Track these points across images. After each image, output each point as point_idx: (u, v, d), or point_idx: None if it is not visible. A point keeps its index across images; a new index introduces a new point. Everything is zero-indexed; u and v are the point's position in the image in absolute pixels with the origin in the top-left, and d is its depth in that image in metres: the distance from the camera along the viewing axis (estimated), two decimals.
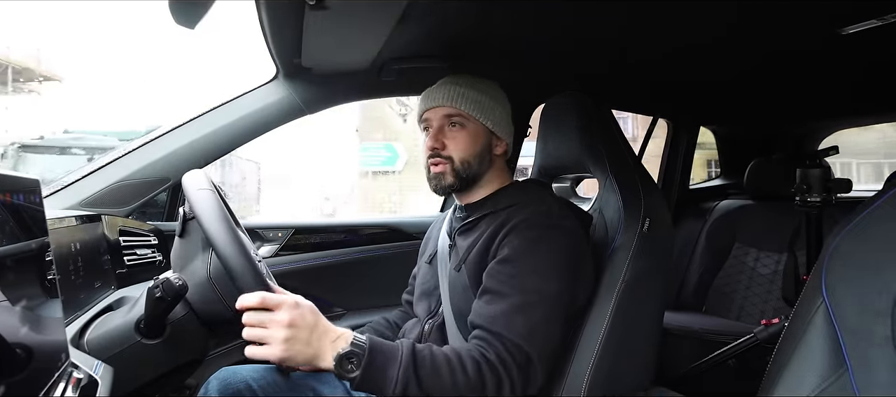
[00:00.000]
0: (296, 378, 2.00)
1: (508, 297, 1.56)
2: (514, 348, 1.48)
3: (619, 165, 1.91)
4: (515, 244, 1.63)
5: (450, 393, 1.42)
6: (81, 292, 1.66)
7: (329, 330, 1.43)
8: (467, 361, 1.46)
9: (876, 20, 1.93)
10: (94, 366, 1.33)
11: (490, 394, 1.44)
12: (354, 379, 1.39)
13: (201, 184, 1.53)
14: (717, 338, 3.12)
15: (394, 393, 1.39)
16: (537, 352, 1.50)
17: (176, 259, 1.65)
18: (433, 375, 1.43)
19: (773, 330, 2.74)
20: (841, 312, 1.12)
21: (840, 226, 1.21)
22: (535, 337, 1.51)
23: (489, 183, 1.90)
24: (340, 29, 1.86)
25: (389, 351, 1.44)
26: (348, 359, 1.40)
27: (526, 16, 1.95)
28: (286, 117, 2.39)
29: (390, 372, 1.41)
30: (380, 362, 1.41)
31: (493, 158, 1.89)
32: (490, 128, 1.86)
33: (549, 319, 1.56)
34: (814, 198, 2.91)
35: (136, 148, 2.24)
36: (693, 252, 4.00)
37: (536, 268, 1.58)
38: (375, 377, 1.40)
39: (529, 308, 1.54)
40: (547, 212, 1.71)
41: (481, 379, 1.44)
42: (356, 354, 1.40)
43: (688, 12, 1.92)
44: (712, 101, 3.60)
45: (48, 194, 2.05)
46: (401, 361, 1.42)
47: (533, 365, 1.49)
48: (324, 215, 11.52)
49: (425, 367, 1.43)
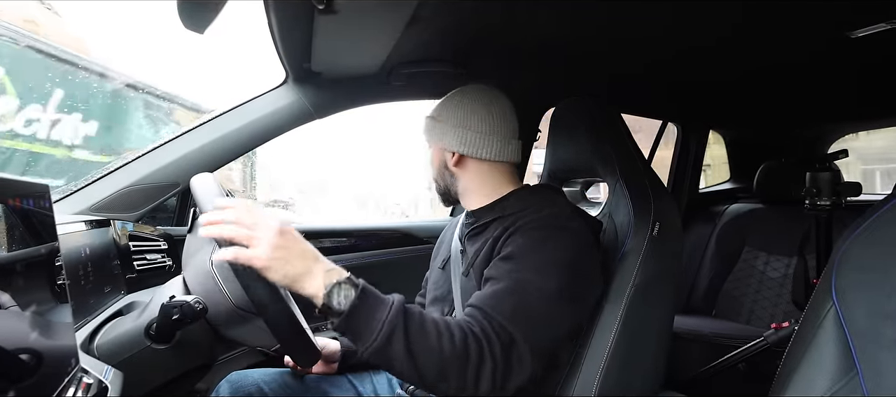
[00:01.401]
0: (308, 381, 2.01)
1: (502, 282, 1.55)
2: (498, 327, 1.46)
3: (628, 169, 1.91)
4: (519, 242, 1.63)
5: (434, 355, 1.39)
6: (91, 297, 1.66)
7: (322, 257, 1.42)
8: (455, 329, 1.44)
9: (885, 24, 1.92)
10: (104, 371, 1.33)
11: (472, 366, 1.41)
12: (342, 314, 1.36)
13: (209, 185, 1.53)
14: (727, 342, 3.11)
15: (377, 339, 1.35)
16: (522, 336, 1.46)
17: (185, 256, 1.66)
18: (420, 332, 1.40)
19: (783, 333, 2.73)
20: (851, 315, 1.12)
21: (850, 229, 1.21)
22: (519, 321, 1.48)
23: (485, 190, 1.90)
24: (350, 33, 1.86)
25: (381, 297, 1.42)
26: (340, 290, 1.36)
27: (534, 20, 1.95)
28: (295, 122, 2.39)
29: (379, 314, 1.37)
30: (371, 302, 1.38)
31: (453, 172, 1.92)
32: (442, 147, 1.91)
33: (540, 311, 1.53)
34: (823, 202, 2.90)
35: (146, 152, 2.24)
36: (703, 256, 4.00)
37: (536, 264, 1.57)
38: (363, 318, 1.37)
39: (520, 294, 1.52)
40: (555, 214, 1.70)
41: (466, 349, 1.41)
42: (350, 287, 1.37)
43: (697, 15, 1.92)
44: (722, 105, 3.59)
45: (58, 199, 2.05)
46: (391, 308, 1.39)
47: (516, 348, 1.46)
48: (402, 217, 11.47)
49: (414, 322, 1.41)
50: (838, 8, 1.85)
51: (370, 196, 16.01)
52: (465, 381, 1.40)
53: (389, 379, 2.11)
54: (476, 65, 2.34)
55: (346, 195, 16.61)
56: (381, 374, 2.13)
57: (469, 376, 1.40)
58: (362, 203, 15.87)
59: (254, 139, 2.33)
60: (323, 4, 1.54)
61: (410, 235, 3.13)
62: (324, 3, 1.54)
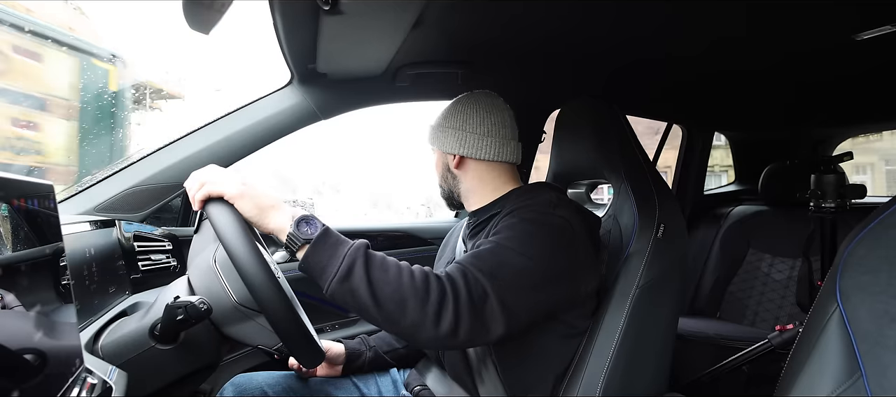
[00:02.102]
0: (313, 383, 2.01)
1: (484, 246, 1.60)
2: (472, 278, 1.48)
3: (633, 171, 1.91)
4: (506, 222, 1.68)
5: (392, 289, 1.42)
6: (95, 297, 1.66)
7: (283, 201, 1.49)
8: (417, 270, 1.47)
9: (890, 26, 1.92)
10: (109, 372, 1.33)
11: (432, 305, 1.42)
12: (307, 245, 1.44)
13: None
14: (732, 344, 3.11)
15: (338, 271, 1.40)
16: (495, 293, 1.48)
17: (191, 253, 1.66)
18: (380, 268, 1.44)
19: (788, 335, 2.73)
20: (855, 318, 1.12)
21: (854, 231, 1.21)
22: (497, 278, 1.50)
23: (494, 190, 1.94)
24: (355, 34, 1.86)
25: (344, 237, 1.48)
26: (305, 224, 1.46)
27: (540, 22, 1.95)
28: (300, 123, 2.39)
29: (340, 249, 1.43)
30: (333, 238, 1.45)
31: (455, 174, 1.99)
32: (444, 151, 1.97)
33: (518, 274, 1.54)
34: (828, 204, 2.90)
35: (151, 152, 2.24)
36: (707, 257, 4.00)
37: (519, 237, 1.60)
38: (325, 253, 1.44)
39: (498, 256, 1.55)
40: (543, 202, 1.74)
41: (427, 287, 1.43)
42: (315, 222, 1.46)
43: (702, 17, 1.92)
44: (727, 107, 3.58)
45: (63, 199, 2.05)
46: (352, 245, 1.45)
47: (489, 301, 1.47)
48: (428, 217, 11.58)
49: (375, 259, 1.45)
50: (844, 10, 1.85)
51: (383, 196, 16.10)
52: (424, 316, 1.42)
53: (394, 381, 2.12)
54: (481, 66, 2.34)
55: (359, 195, 16.73)
56: (386, 376, 2.14)
57: (429, 312, 1.42)
58: (374, 203, 15.95)
59: (259, 140, 2.33)
60: (328, 5, 1.54)
61: (415, 236, 3.13)
62: (329, 4, 1.54)
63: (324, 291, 1.42)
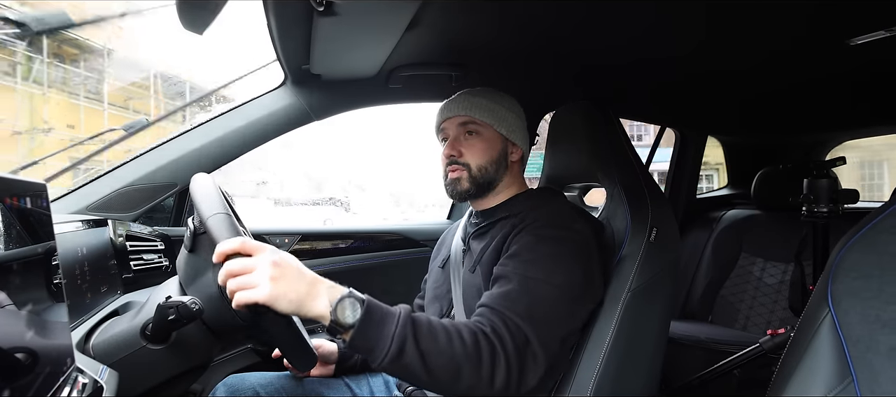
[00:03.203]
0: (306, 383, 2.01)
1: (513, 281, 1.57)
2: (513, 326, 1.48)
3: (626, 175, 1.91)
4: (526, 240, 1.65)
5: (446, 359, 1.40)
6: (87, 297, 1.66)
7: (320, 278, 1.41)
8: (464, 330, 1.45)
9: (884, 31, 1.92)
10: (100, 371, 1.33)
11: (485, 366, 1.42)
12: (352, 328, 1.35)
13: (208, 189, 1.53)
14: (723, 348, 3.11)
15: (389, 351, 1.36)
16: (536, 336, 1.48)
17: (185, 273, 1.64)
18: (430, 338, 1.41)
19: (779, 340, 2.73)
20: (846, 322, 1.12)
21: (847, 236, 1.21)
22: (535, 320, 1.50)
23: (506, 189, 1.94)
24: (349, 35, 1.86)
25: (387, 309, 1.42)
26: (346, 305, 1.36)
27: (534, 24, 1.95)
28: (294, 123, 2.39)
29: (388, 327, 1.38)
30: (378, 316, 1.38)
31: (509, 164, 1.94)
32: (505, 135, 1.91)
33: (552, 309, 1.55)
34: (820, 209, 2.91)
35: (143, 152, 2.24)
36: (699, 261, 4.00)
37: (545, 263, 1.59)
38: (372, 331, 1.37)
39: (532, 292, 1.54)
40: (559, 213, 1.74)
41: (477, 349, 1.42)
42: (355, 301, 1.37)
43: (695, 22, 1.92)
44: (720, 111, 3.59)
45: (55, 198, 2.05)
46: (398, 319, 1.40)
47: (531, 347, 1.48)
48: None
49: (422, 330, 1.41)
50: (838, 15, 1.85)
51: (405, 195, 16.23)
52: (479, 379, 1.41)
53: (386, 380, 2.11)
54: (475, 68, 2.35)
55: (382, 193, 16.88)
56: (378, 376, 2.13)
57: (483, 374, 1.42)
58: (397, 201, 16.06)
59: (252, 140, 2.33)
60: (322, 6, 1.54)
61: (408, 238, 3.13)
62: (323, 5, 1.54)
63: (373, 367, 1.41)
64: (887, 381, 1.04)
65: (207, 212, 1.44)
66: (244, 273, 1.32)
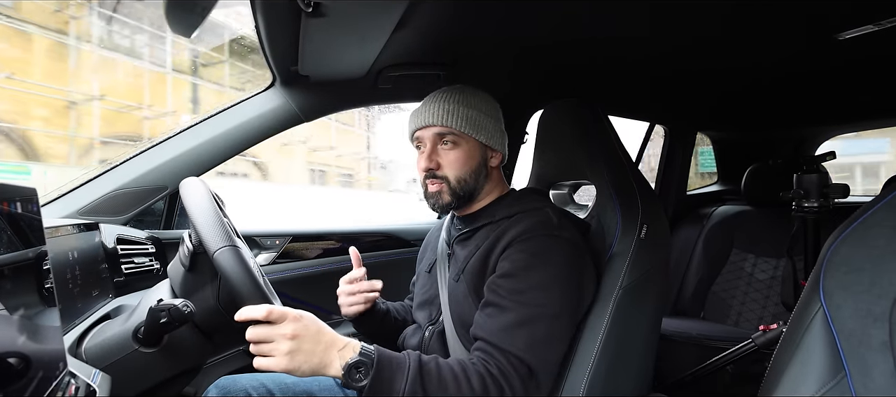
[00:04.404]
0: (297, 383, 2.00)
1: (510, 311, 1.56)
2: (516, 361, 1.49)
3: (616, 172, 1.91)
4: (516, 258, 1.63)
5: None
6: (79, 301, 1.65)
7: (335, 340, 1.43)
8: (473, 375, 1.46)
9: (872, 25, 1.93)
10: (92, 375, 1.33)
11: None
12: (363, 388, 1.39)
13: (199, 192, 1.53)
14: (716, 344, 3.11)
15: None
16: (538, 365, 1.51)
17: (182, 287, 1.63)
18: (439, 388, 1.44)
19: (771, 335, 2.73)
20: (839, 317, 1.12)
21: (838, 231, 1.22)
22: (536, 350, 1.52)
23: (487, 195, 1.91)
24: (337, 36, 1.86)
25: (397, 362, 1.45)
26: (357, 369, 1.40)
27: (521, 23, 1.95)
28: (283, 125, 2.39)
29: (397, 383, 1.41)
30: (388, 373, 1.42)
31: (489, 171, 1.90)
32: (484, 142, 1.85)
33: (550, 332, 1.56)
34: (811, 204, 2.91)
35: (134, 155, 2.23)
36: (691, 257, 4.01)
37: (539, 281, 1.58)
38: (383, 388, 1.40)
39: (531, 322, 1.54)
40: (546, 222, 1.71)
41: (486, 393, 1.44)
42: (364, 363, 1.40)
43: (683, 17, 1.92)
44: (709, 107, 3.60)
45: (46, 202, 2.04)
46: (408, 373, 1.43)
47: (534, 378, 1.50)
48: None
49: (432, 380, 1.44)
50: (826, 10, 1.86)
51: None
52: None
53: None
54: (464, 67, 2.35)
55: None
56: None
57: None
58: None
59: (241, 142, 2.33)
60: (310, 7, 1.54)
61: (396, 238, 3.13)
62: (311, 7, 1.53)
63: None
64: (880, 375, 1.04)
65: (213, 244, 1.42)
66: (265, 342, 1.37)
